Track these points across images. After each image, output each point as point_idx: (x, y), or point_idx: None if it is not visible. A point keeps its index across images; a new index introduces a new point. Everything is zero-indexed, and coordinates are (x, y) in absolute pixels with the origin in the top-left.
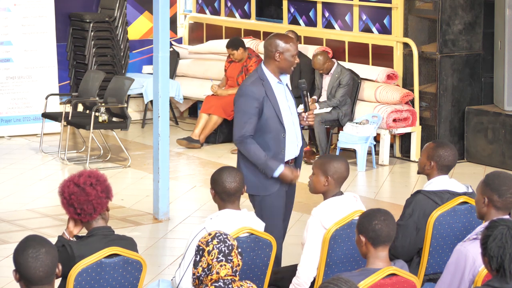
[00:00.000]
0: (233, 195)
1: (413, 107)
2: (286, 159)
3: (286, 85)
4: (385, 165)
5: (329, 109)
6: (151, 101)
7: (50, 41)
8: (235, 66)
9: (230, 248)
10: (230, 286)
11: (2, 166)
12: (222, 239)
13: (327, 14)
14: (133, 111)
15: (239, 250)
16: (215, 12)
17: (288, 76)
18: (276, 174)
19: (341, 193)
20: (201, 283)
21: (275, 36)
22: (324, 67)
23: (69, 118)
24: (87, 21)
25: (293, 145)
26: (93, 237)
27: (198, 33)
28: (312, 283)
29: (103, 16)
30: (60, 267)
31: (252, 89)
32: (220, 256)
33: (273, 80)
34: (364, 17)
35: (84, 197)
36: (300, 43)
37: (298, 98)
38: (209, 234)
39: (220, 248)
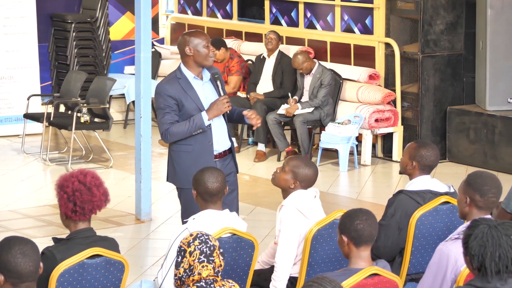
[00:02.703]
0: (215, 196)
1: (395, 107)
2: (217, 151)
3: (215, 78)
4: (367, 165)
5: (311, 109)
6: (133, 102)
7: (32, 41)
8: (217, 66)
9: (211, 248)
10: (212, 285)
11: None
12: (203, 239)
13: (309, 15)
14: (115, 112)
15: (221, 250)
16: (197, 12)
17: (206, 71)
18: (205, 118)
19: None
20: (183, 283)
21: (183, 34)
22: (304, 66)
23: (51, 119)
24: (69, 21)
25: (222, 137)
26: (74, 240)
27: (180, 34)
28: (295, 284)
29: (85, 17)
30: (41, 265)
31: (165, 87)
32: (201, 257)
33: (189, 76)
34: (346, 18)
35: (89, 196)
36: (282, 43)
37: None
38: (191, 235)
39: (201, 249)
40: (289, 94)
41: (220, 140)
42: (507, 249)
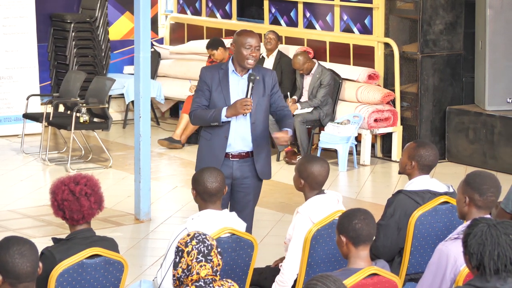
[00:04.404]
0: (214, 195)
1: (394, 107)
2: (229, 149)
3: (249, 79)
4: (366, 165)
5: (310, 109)
6: (133, 102)
7: (31, 41)
8: None
9: (209, 248)
10: (211, 285)
11: None
12: (201, 239)
13: (308, 15)
14: (114, 112)
15: (219, 249)
16: (196, 12)
17: (248, 71)
18: (224, 114)
19: (323, 192)
20: (181, 284)
21: (237, 32)
22: (304, 67)
23: (50, 119)
24: (68, 21)
25: (239, 137)
26: (74, 240)
27: (179, 34)
28: (294, 285)
29: (84, 17)
30: (41, 265)
31: (204, 72)
32: (199, 256)
33: (230, 69)
34: (345, 17)
35: (77, 207)
36: (281, 43)
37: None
38: (188, 235)
39: (199, 248)
40: (288, 94)
41: (236, 140)
42: (506, 248)
